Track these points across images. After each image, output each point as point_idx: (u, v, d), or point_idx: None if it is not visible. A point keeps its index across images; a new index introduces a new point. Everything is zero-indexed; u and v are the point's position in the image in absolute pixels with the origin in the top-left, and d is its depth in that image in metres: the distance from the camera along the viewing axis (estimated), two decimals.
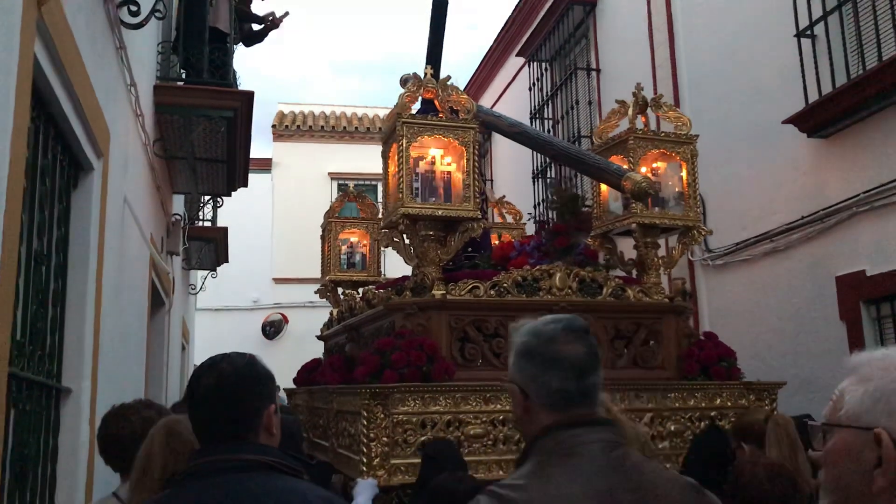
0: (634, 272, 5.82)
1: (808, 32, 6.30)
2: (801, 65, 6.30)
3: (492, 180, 14.08)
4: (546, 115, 11.52)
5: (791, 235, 6.63)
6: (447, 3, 6.12)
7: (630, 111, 5.89)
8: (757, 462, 3.13)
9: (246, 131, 7.41)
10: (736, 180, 7.37)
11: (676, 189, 5.84)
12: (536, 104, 11.75)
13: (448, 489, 3.34)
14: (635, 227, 5.60)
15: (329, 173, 18.92)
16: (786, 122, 6.37)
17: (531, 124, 11.48)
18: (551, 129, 11.29)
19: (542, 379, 1.91)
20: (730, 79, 7.51)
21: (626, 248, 5.99)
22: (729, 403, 5.13)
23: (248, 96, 6.89)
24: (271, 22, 9.42)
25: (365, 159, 17.76)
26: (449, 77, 5.41)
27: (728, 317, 7.45)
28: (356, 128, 19.55)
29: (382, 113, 19.51)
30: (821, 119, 6.13)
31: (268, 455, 2.05)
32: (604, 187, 5.94)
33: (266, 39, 9.45)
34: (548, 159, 10.62)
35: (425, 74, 5.40)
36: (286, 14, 9.51)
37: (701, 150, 7.66)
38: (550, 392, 1.90)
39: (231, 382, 2.09)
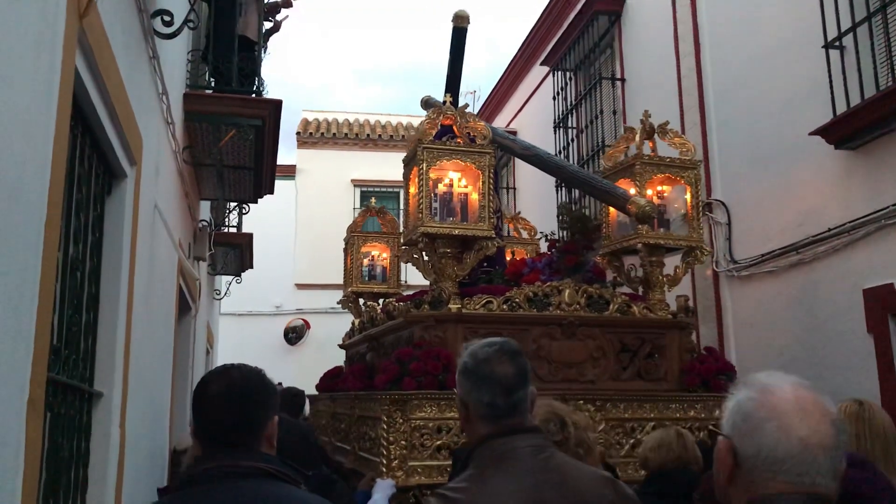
0: (640, 289, 6.14)
1: (837, 44, 6.28)
2: (829, 76, 6.28)
3: (514, 188, 14.28)
4: (570, 125, 11.61)
5: (818, 247, 6.60)
6: (466, 31, 6.43)
7: (637, 137, 6.19)
8: None
9: (273, 139, 7.54)
10: (761, 191, 7.38)
11: (681, 211, 6.16)
12: (560, 113, 11.84)
13: None
14: (641, 247, 5.94)
15: (352, 180, 19.17)
16: (813, 133, 6.37)
17: (555, 134, 11.76)
18: (575, 139, 11.42)
19: (476, 394, 2.25)
20: (756, 89, 7.50)
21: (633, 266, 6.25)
22: None
23: (276, 105, 7.00)
24: (283, 2, 9.40)
25: (387, 166, 17.96)
26: (467, 105, 5.73)
27: (752, 328, 7.46)
28: (379, 135, 19.82)
29: (405, 121, 19.78)
30: (848, 130, 6.12)
31: (269, 463, 2.14)
32: (612, 209, 6.26)
33: (284, 33, 9.34)
34: None
35: (445, 102, 5.72)
36: None
37: (726, 160, 7.90)
38: (483, 405, 2.22)
39: (240, 389, 2.19)
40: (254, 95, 7.12)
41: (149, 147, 4.79)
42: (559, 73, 11.99)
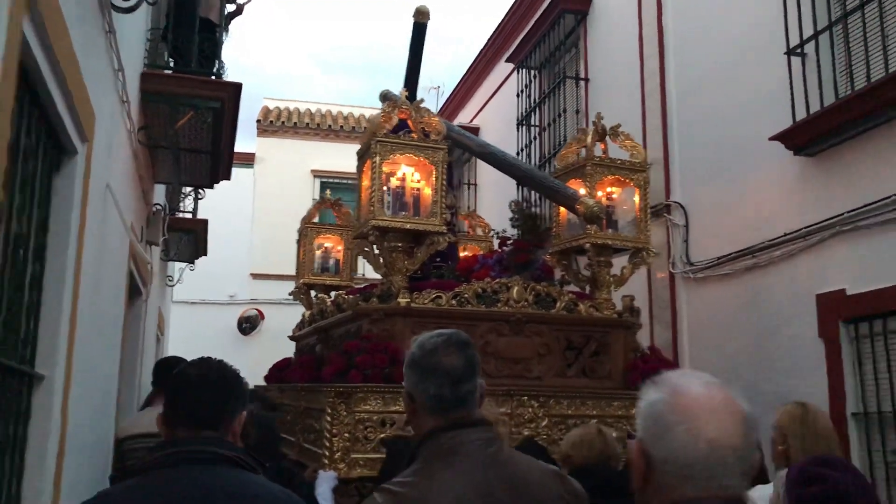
0: (587, 288, 6.30)
1: (799, 51, 6.41)
2: (791, 82, 6.41)
3: (475, 185, 14.36)
4: (533, 123, 11.71)
5: (773, 252, 6.74)
6: (426, 26, 6.52)
7: (589, 139, 6.35)
8: None
9: (232, 123, 7.47)
10: (720, 194, 7.51)
11: (630, 213, 6.33)
12: (524, 111, 11.93)
13: None
14: (589, 247, 6.10)
15: (312, 171, 19.16)
16: (773, 138, 6.50)
17: (518, 131, 11.87)
18: (537, 137, 11.53)
19: (423, 386, 2.23)
20: (718, 93, 7.61)
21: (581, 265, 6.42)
22: None
23: (236, 87, 6.92)
24: None
25: (349, 158, 17.83)
26: (423, 100, 5.82)
27: (706, 330, 7.59)
28: (341, 126, 19.82)
29: (368, 113, 19.78)
30: (807, 137, 6.27)
31: (235, 452, 2.22)
32: (563, 208, 6.41)
33: (247, 19, 9.30)
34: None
35: (401, 96, 5.81)
36: None
37: (686, 162, 8.02)
38: (430, 398, 2.21)
39: (220, 378, 2.29)
40: (213, 78, 7.05)
41: (102, 124, 4.70)
42: (524, 70, 12.08)
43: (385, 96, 6.10)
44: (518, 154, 11.55)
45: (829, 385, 6.03)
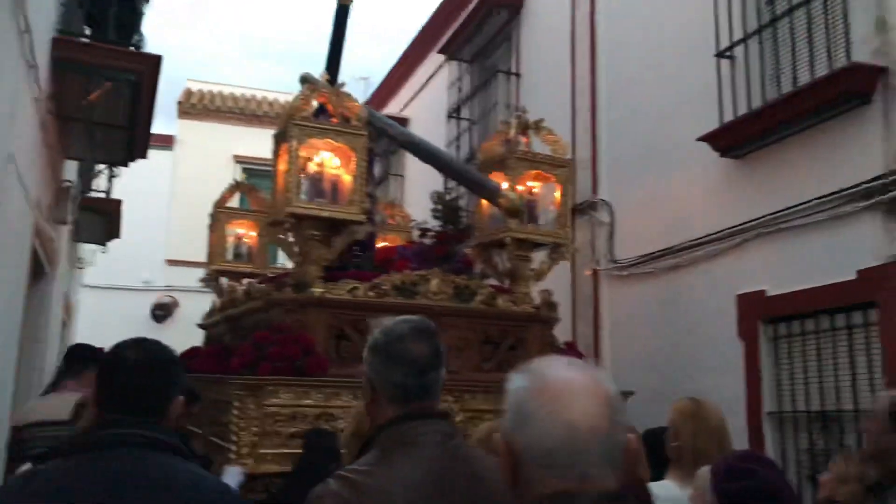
0: (506, 282, 6.28)
1: (728, 53, 6.51)
2: (719, 84, 6.50)
3: (402, 176, 14.26)
4: (464, 116, 11.72)
5: (696, 252, 6.84)
6: (349, 9, 6.41)
7: (512, 132, 6.34)
8: None
9: (150, 98, 7.18)
10: (646, 193, 7.59)
11: (551, 208, 6.38)
12: (454, 103, 11.92)
13: None
14: (509, 241, 6.10)
15: (234, 156, 18.82)
16: (700, 139, 6.57)
17: (448, 123, 11.83)
18: (468, 130, 11.52)
19: (387, 374, 2.15)
20: (648, 93, 7.69)
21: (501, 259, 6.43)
22: None
23: (156, 60, 6.64)
24: None
25: (272, 144, 17.74)
26: (344, 84, 5.71)
27: (628, 327, 7.68)
28: (266, 112, 19.50)
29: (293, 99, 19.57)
30: (734, 139, 6.37)
31: (173, 438, 2.17)
32: (484, 201, 6.39)
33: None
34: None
35: (322, 78, 5.69)
36: None
37: (615, 161, 8.08)
38: (394, 386, 2.14)
39: (157, 360, 2.23)
40: (132, 49, 6.77)
41: (3, 87, 4.53)
42: (455, 63, 12.05)
43: (305, 79, 5.96)
44: (447, 147, 11.50)
45: (746, 384, 6.15)
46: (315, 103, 5.66)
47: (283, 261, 9.25)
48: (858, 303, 5.38)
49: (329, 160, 5.53)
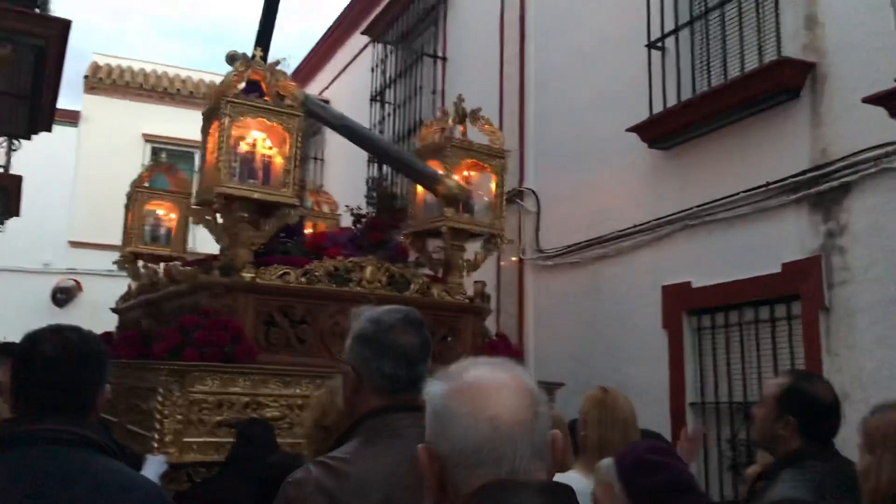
0: (440, 272, 6.34)
1: (659, 44, 6.63)
2: (650, 75, 6.61)
3: (322, 160, 14.16)
4: (387, 99, 11.66)
5: (623, 242, 6.97)
6: None
7: (450, 120, 6.43)
8: None
9: (57, 66, 6.97)
10: (574, 183, 7.67)
11: (486, 198, 6.46)
12: (378, 87, 11.86)
13: (285, 468, 3.50)
14: (445, 230, 6.15)
15: (144, 135, 18.36)
16: (629, 130, 6.69)
17: (371, 107, 11.76)
18: (392, 114, 11.47)
19: (376, 364, 2.16)
20: (578, 82, 7.76)
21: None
22: None
23: (64, 25, 6.43)
24: None
25: (184, 124, 17.32)
26: (279, 62, 5.63)
27: (553, 317, 7.77)
28: (178, 90, 19.07)
29: (207, 78, 19.15)
30: (663, 131, 6.50)
31: (100, 435, 2.10)
32: (420, 189, 6.43)
33: None
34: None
35: (254, 56, 5.59)
36: None
37: (543, 150, 8.15)
38: (383, 377, 2.15)
39: (78, 352, 2.12)
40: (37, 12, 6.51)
41: None
42: (380, 45, 12.00)
43: (233, 57, 5.86)
44: (370, 130, 11.45)
45: (670, 375, 6.31)
46: (242, 85, 5.56)
47: (203, 245, 9.06)
48: (782, 295, 5.58)
49: (262, 140, 5.46)
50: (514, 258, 8.18)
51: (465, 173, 6.52)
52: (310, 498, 1.97)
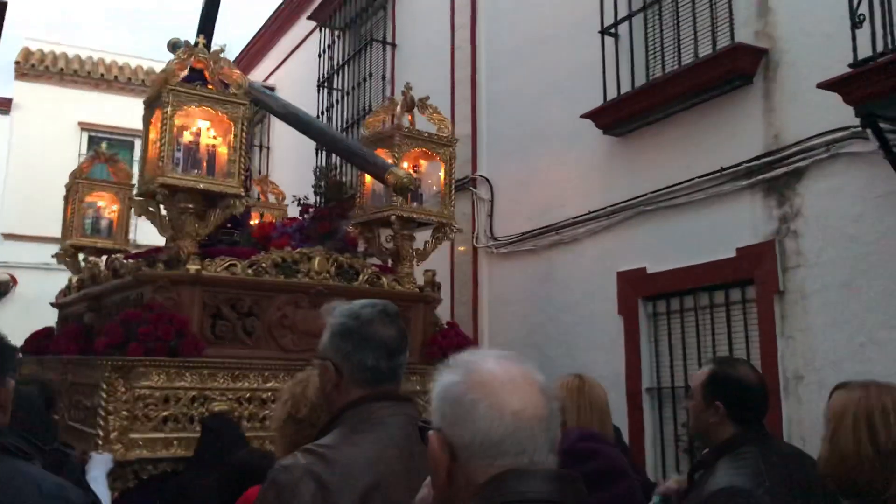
0: (390, 262, 6.41)
1: (612, 31, 6.68)
2: (603, 61, 6.65)
3: (268, 148, 14.07)
4: (335, 86, 11.61)
5: (577, 229, 7.02)
6: None
7: (398, 109, 6.50)
8: None
9: None
10: (527, 170, 7.71)
11: (435, 187, 6.56)
12: (325, 73, 11.80)
13: (251, 465, 3.49)
14: (394, 219, 6.20)
15: (80, 123, 18.06)
16: (583, 116, 6.74)
17: (318, 93, 11.70)
18: (339, 101, 11.42)
19: (358, 357, 2.24)
20: (531, 68, 7.78)
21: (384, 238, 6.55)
22: None
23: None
24: None
25: (123, 112, 17.15)
26: (222, 49, 5.60)
27: (507, 305, 7.82)
28: (115, 76, 18.77)
29: (147, 65, 18.85)
30: (617, 117, 6.56)
31: (3, 436, 2.02)
32: (368, 178, 6.46)
33: None
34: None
35: (197, 44, 5.55)
36: None
37: (495, 137, 8.18)
38: (364, 369, 2.23)
39: None
40: None
41: None
42: (327, 30, 11.91)
43: (174, 45, 5.82)
44: (318, 118, 11.39)
45: (626, 360, 6.41)
46: (184, 73, 5.52)
47: (146, 237, 8.96)
48: (737, 280, 5.68)
49: (206, 129, 5.42)
50: (462, 248, 8.21)
51: (414, 162, 6.59)
52: (300, 482, 2.01)
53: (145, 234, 7.21)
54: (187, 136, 5.37)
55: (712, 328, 5.90)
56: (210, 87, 5.46)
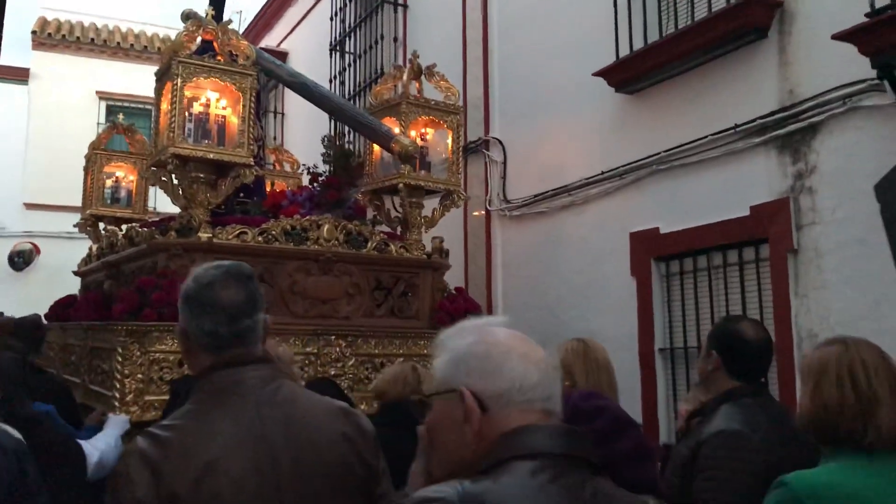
0: (398, 229, 6.55)
1: None
2: (616, 18, 6.64)
3: (283, 114, 14.12)
4: (347, 49, 11.62)
5: (590, 190, 7.03)
6: None
7: (405, 77, 6.58)
8: None
9: None
10: (541, 131, 7.72)
11: (443, 155, 6.64)
12: (337, 36, 11.81)
13: None
14: (402, 187, 6.31)
15: (97, 92, 18.20)
16: (596, 74, 6.73)
17: (331, 57, 11.73)
18: (352, 64, 11.44)
19: (197, 322, 2.17)
20: (543, 27, 7.76)
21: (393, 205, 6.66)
22: None
23: None
24: None
25: (140, 80, 17.14)
26: (230, 21, 5.69)
27: (521, 268, 7.86)
28: (132, 45, 18.85)
29: (163, 32, 18.96)
30: (629, 74, 6.54)
31: None
32: (376, 147, 6.55)
33: None
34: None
35: (206, 14, 5.64)
36: None
37: (506, 97, 8.18)
38: (204, 334, 2.16)
39: None
40: None
41: None
42: None
43: (188, 15, 5.91)
44: (331, 82, 11.47)
45: (638, 322, 6.45)
46: (199, 41, 5.62)
47: (166, 206, 9.09)
48: (751, 239, 5.69)
49: (215, 100, 5.52)
50: (476, 213, 8.26)
51: (422, 130, 6.68)
52: (132, 471, 1.99)
53: (165, 202, 7.31)
54: (197, 107, 5.49)
55: (726, 288, 5.91)
56: (219, 58, 5.55)
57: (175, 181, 5.52)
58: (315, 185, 6.84)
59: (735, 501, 2.79)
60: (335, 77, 11.52)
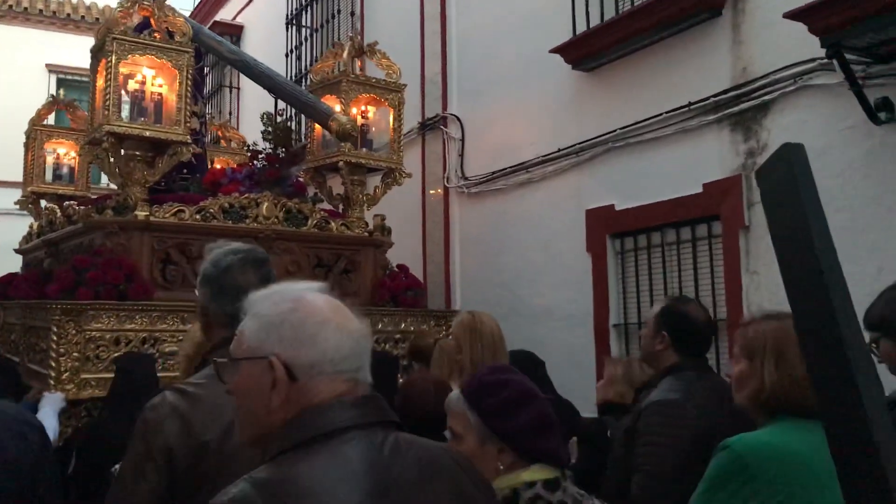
0: (341, 207, 6.64)
1: None
2: None
3: (238, 88, 14.04)
4: (304, 23, 11.63)
5: (546, 167, 7.15)
6: None
7: (346, 54, 6.71)
8: (426, 378, 3.82)
9: None
10: (498, 108, 7.81)
11: (385, 133, 6.79)
12: (294, 10, 11.82)
13: None
14: (342, 165, 6.44)
15: (47, 65, 18.11)
16: (553, 51, 6.83)
17: (287, 31, 11.74)
18: (309, 38, 11.45)
19: (218, 302, 2.40)
20: (501, 2, 7.85)
21: (336, 184, 6.77)
22: (412, 328, 6.18)
23: None
24: None
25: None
26: None
27: (479, 245, 7.98)
28: (83, 16, 18.74)
29: (115, 3, 18.83)
30: (586, 51, 6.65)
31: None
32: (317, 124, 6.64)
33: None
34: (297, 75, 11.03)
35: None
36: None
37: (466, 74, 8.26)
38: (224, 314, 2.36)
39: None
40: None
41: None
42: None
43: None
44: (287, 56, 11.52)
45: (594, 297, 6.61)
46: (138, 17, 5.67)
47: (107, 182, 9.14)
48: (704, 216, 5.84)
49: (152, 77, 5.58)
50: (433, 192, 8.34)
51: (363, 108, 6.80)
52: (165, 421, 2.16)
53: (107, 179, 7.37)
54: (133, 85, 5.56)
55: (679, 264, 6.06)
56: (156, 35, 5.61)
57: (112, 159, 5.58)
58: (255, 162, 6.93)
59: (671, 466, 2.99)
60: (292, 51, 11.54)
